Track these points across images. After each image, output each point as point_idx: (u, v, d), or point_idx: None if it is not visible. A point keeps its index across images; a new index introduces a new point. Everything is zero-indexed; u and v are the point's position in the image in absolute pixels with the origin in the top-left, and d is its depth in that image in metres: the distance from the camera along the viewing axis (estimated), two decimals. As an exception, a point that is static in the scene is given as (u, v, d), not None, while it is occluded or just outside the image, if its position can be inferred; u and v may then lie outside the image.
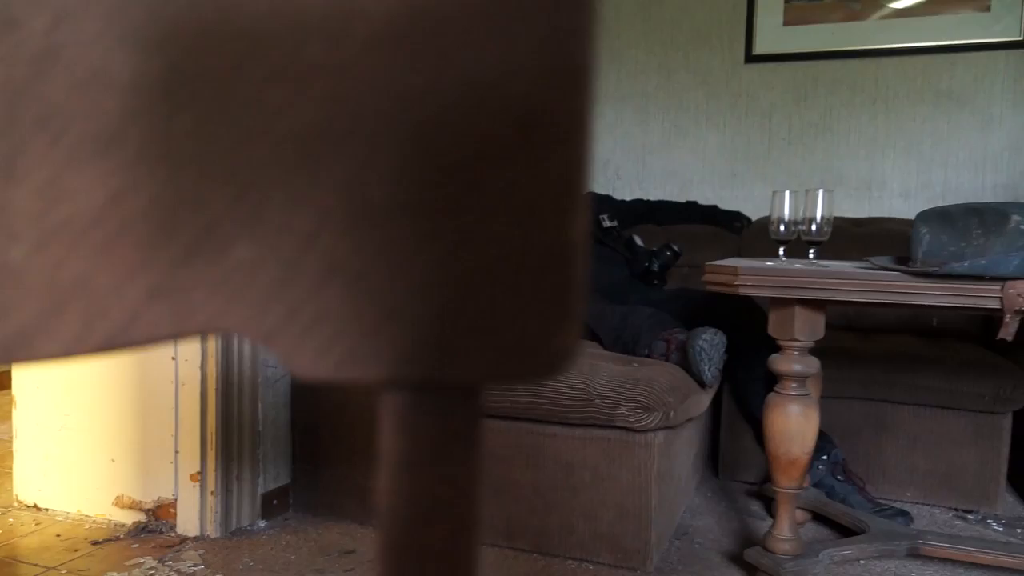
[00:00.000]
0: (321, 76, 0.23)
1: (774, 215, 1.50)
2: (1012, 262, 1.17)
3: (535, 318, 0.22)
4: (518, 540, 1.63)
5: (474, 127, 0.22)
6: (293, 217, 0.23)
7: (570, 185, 0.22)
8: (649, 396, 1.49)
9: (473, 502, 0.23)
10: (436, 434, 0.23)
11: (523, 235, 0.22)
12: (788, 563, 1.43)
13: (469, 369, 0.22)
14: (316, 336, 0.23)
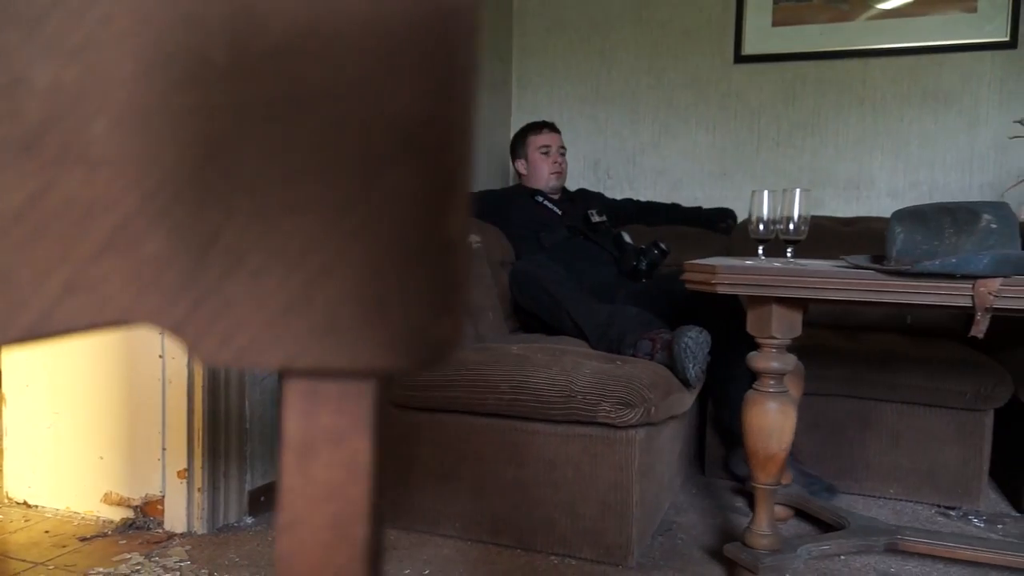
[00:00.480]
0: (227, 82, 0.25)
1: (753, 214, 1.52)
2: (982, 260, 1.19)
3: (418, 310, 0.23)
4: (502, 536, 1.64)
5: (365, 133, 0.24)
6: (200, 215, 0.25)
7: (451, 186, 0.23)
8: (630, 392, 1.50)
9: (368, 485, 0.25)
10: (330, 419, 0.25)
11: (408, 233, 0.23)
12: (766, 558, 1.44)
13: (360, 358, 0.24)
14: (220, 326, 0.25)
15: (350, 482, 0.25)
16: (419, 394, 1.66)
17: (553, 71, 3.16)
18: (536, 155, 2.57)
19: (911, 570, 1.61)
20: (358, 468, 0.25)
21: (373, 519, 0.25)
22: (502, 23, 3.13)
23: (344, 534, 0.25)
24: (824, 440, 2.06)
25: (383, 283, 0.24)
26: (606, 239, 2.44)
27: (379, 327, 0.24)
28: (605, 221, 2.48)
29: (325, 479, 0.25)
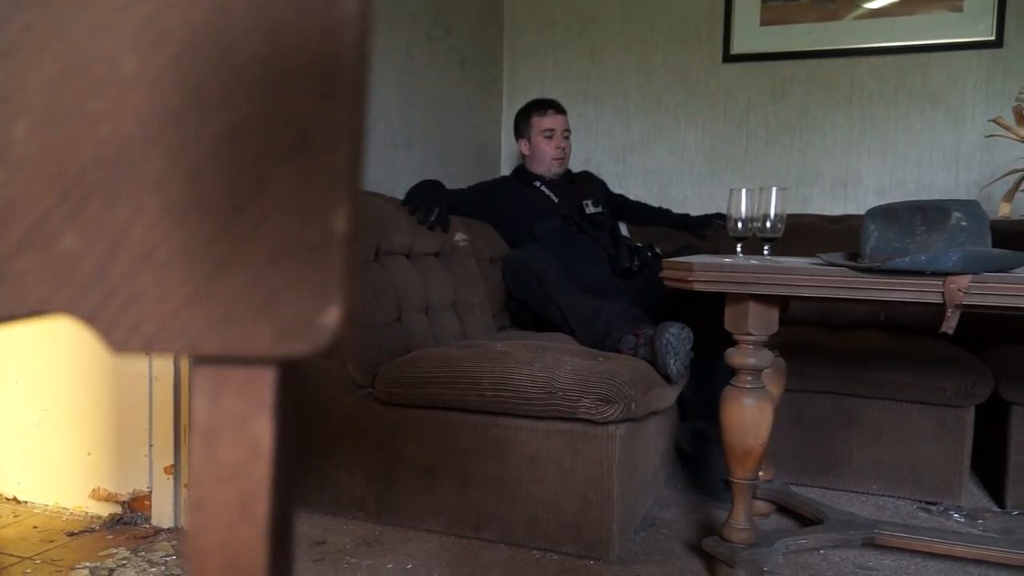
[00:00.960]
0: (136, 88, 0.27)
1: (731, 213, 1.54)
2: (951, 257, 1.21)
3: (309, 300, 0.25)
4: (485, 531, 1.66)
5: (261, 136, 0.26)
6: (111, 212, 0.27)
7: (340, 184, 0.25)
8: (611, 389, 1.52)
9: (270, 464, 0.27)
10: (234, 403, 0.27)
11: (299, 228, 0.25)
12: (743, 551, 1.46)
13: (256, 345, 0.26)
14: (129, 316, 0.26)
15: (253, 462, 0.27)
16: (403, 391, 1.68)
17: (543, 70, 3.18)
18: (539, 138, 2.54)
19: (889, 564, 1.63)
20: (260, 449, 0.27)
21: (277, 496, 0.27)
22: (493, 22, 3.15)
23: (248, 511, 0.27)
24: (807, 436, 2.08)
25: (277, 275, 0.25)
26: (601, 231, 2.45)
27: (273, 316, 0.25)
28: (601, 212, 2.47)
29: (230, 459, 0.27)
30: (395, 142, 2.47)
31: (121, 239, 0.26)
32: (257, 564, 0.27)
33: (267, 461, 0.27)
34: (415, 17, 2.56)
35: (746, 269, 1.36)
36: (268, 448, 0.27)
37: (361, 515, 1.77)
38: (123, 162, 0.27)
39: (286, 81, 0.25)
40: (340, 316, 0.25)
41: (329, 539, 1.69)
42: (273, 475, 0.27)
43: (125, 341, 0.26)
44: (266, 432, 0.27)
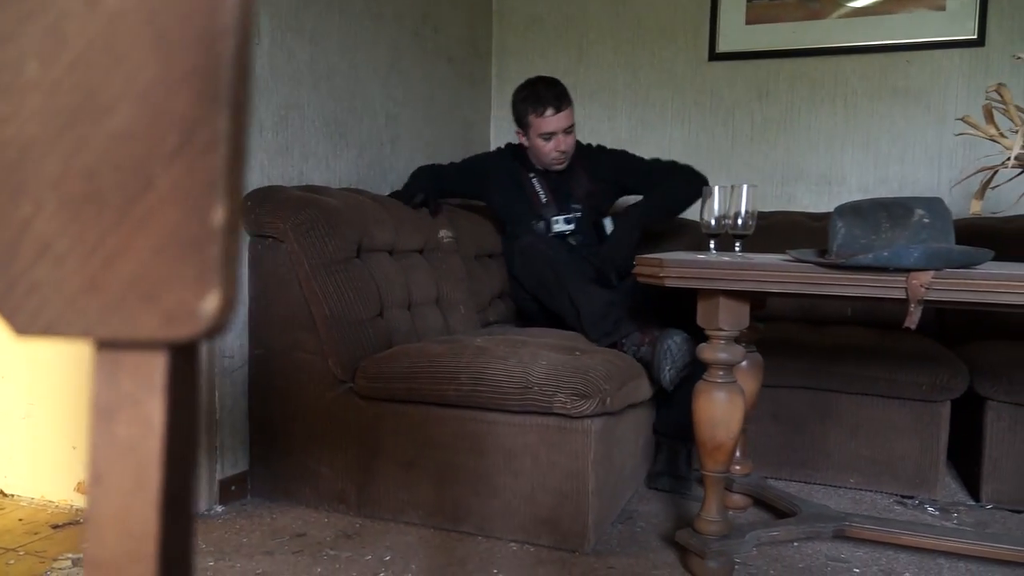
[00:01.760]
0: (37, 93, 0.29)
1: (704, 211, 1.56)
2: (913, 254, 1.23)
3: (192, 288, 0.27)
4: (463, 523, 1.69)
5: (149, 135, 0.28)
6: (14, 208, 0.29)
7: (219, 182, 0.27)
8: (586, 383, 1.54)
9: (162, 440, 0.29)
10: (130, 384, 0.29)
11: (182, 222, 0.27)
12: (715, 543, 1.49)
13: (145, 330, 0.28)
14: (31, 303, 0.29)
15: (146, 438, 0.29)
16: (382, 386, 1.70)
17: (532, 68, 3.18)
18: (537, 140, 2.36)
19: (861, 556, 1.65)
20: (153, 426, 0.29)
21: (169, 470, 0.29)
22: (482, 20, 3.17)
23: (141, 483, 0.29)
24: (786, 431, 2.10)
25: (162, 266, 0.27)
26: (581, 236, 2.40)
27: (158, 303, 0.28)
28: (580, 215, 2.38)
29: (125, 436, 0.29)
30: (381, 139, 2.49)
31: (23, 233, 0.29)
32: (150, 532, 0.29)
33: (159, 437, 0.29)
34: (402, 16, 2.58)
35: (716, 266, 1.39)
36: (160, 425, 0.29)
37: (342, 508, 1.79)
38: (25, 161, 0.29)
39: (172, 86, 0.28)
40: (219, 302, 0.27)
41: (310, 531, 1.71)
42: (165, 450, 0.29)
43: (27, 326, 0.29)
44: (158, 410, 0.29)
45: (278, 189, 1.88)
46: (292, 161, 2.06)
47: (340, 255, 1.81)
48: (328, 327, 1.75)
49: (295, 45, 2.05)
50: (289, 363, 1.81)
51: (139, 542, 0.29)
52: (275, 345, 1.83)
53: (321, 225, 1.79)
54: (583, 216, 2.41)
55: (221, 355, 1.83)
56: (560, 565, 1.57)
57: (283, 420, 1.84)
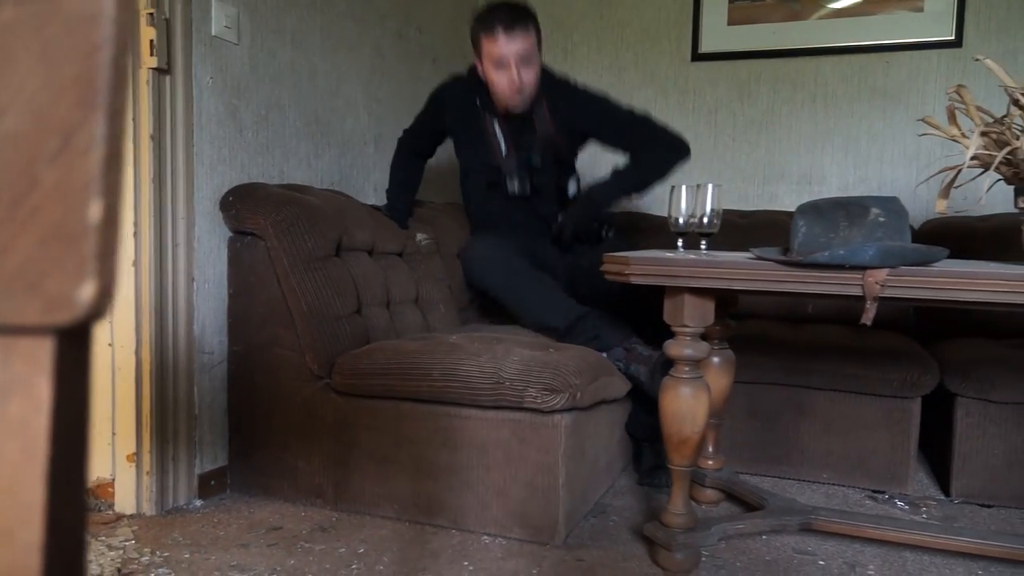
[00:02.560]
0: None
1: (672, 209, 1.59)
2: (868, 252, 1.26)
3: (73, 279, 0.30)
4: (436, 517, 1.71)
5: (35, 139, 0.30)
6: (-85, 204, 0.31)
7: (96, 182, 0.30)
8: (556, 379, 1.57)
9: (49, 419, 0.32)
10: (22, 367, 0.32)
11: (63, 218, 0.30)
12: (680, 536, 1.51)
13: (31, 316, 0.31)
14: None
15: (35, 416, 0.32)
16: (358, 381, 1.73)
17: (517, 68, 3.22)
18: (489, 67, 2.04)
19: (828, 549, 1.68)
20: (41, 405, 0.32)
21: (56, 446, 0.32)
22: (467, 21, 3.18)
23: (30, 457, 0.32)
24: (761, 427, 2.13)
25: (45, 258, 0.30)
26: (542, 197, 2.21)
27: (41, 292, 0.30)
28: (540, 168, 2.17)
29: (17, 415, 0.32)
30: (364, 139, 2.52)
31: (-78, 227, 0.31)
32: (37, 501, 0.32)
33: (47, 415, 0.32)
34: (385, 17, 2.60)
35: (680, 263, 1.41)
36: (48, 403, 0.32)
37: (319, 502, 1.82)
38: (-76, 162, 0.31)
39: (55, 93, 0.30)
40: (95, 291, 0.30)
41: (286, 525, 1.74)
42: (52, 427, 0.32)
43: (-75, 313, 0.31)
44: (46, 390, 0.32)
45: (259, 186, 1.90)
46: (273, 160, 2.08)
47: (319, 253, 1.84)
48: (306, 323, 1.78)
49: (276, 46, 2.08)
50: (267, 359, 1.84)
51: (28, 510, 0.32)
52: (254, 341, 1.85)
53: (301, 223, 1.82)
54: (544, 172, 2.19)
55: (200, 351, 1.86)
56: (531, 557, 1.59)
57: (261, 415, 1.87)
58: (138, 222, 1.72)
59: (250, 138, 1.99)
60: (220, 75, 1.88)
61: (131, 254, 1.72)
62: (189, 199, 1.80)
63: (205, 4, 1.82)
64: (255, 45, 2.00)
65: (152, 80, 1.70)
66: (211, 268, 1.87)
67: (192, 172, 1.81)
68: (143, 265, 1.73)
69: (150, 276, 1.73)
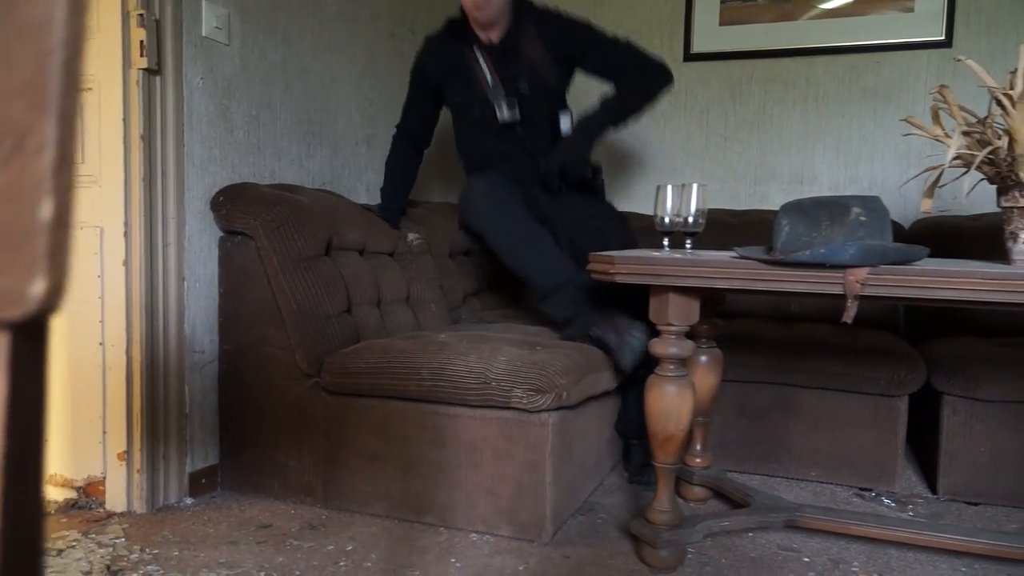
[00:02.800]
0: None
1: (658, 208, 1.60)
2: (848, 251, 1.27)
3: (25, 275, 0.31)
4: (426, 515, 1.72)
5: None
6: None
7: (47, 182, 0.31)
8: (542, 379, 1.58)
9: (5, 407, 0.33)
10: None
11: (15, 217, 0.31)
12: (665, 532, 1.53)
13: (-15, 310, 0.32)
14: None
15: (-12, 408, 0.33)
16: (347, 380, 1.74)
17: (510, 68, 3.23)
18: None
19: (813, 546, 1.69)
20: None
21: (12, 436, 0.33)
22: (460, 21, 3.20)
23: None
24: (751, 426, 2.14)
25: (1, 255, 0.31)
26: (535, 130, 2.15)
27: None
28: (527, 97, 2.13)
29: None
30: (357, 139, 2.53)
31: None
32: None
33: (1, 409, 0.33)
34: (378, 17, 2.61)
35: (664, 262, 1.42)
36: (3, 398, 0.33)
37: (309, 500, 1.83)
38: None
39: (8, 97, 0.31)
40: (46, 287, 0.31)
41: (276, 523, 1.75)
42: (7, 421, 0.33)
43: None
44: (1, 385, 0.33)
45: (249, 186, 1.91)
46: (264, 160, 2.09)
47: (309, 252, 1.85)
48: (295, 322, 1.79)
49: (267, 47, 2.09)
50: (257, 358, 1.85)
51: (-16, 499, 0.33)
52: (244, 340, 1.86)
53: (291, 222, 1.83)
54: (532, 100, 2.15)
55: (191, 350, 1.87)
56: (518, 554, 1.60)
57: (251, 414, 1.88)
58: (128, 222, 1.73)
59: (241, 138, 2.00)
60: (211, 75, 1.89)
61: (121, 254, 1.73)
62: (180, 199, 1.81)
63: (195, 5, 1.83)
64: (246, 46, 2.01)
65: (142, 81, 1.71)
66: (202, 268, 1.88)
67: (183, 172, 1.82)
68: (133, 265, 1.74)
69: (141, 276, 1.74)
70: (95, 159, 1.75)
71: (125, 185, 1.72)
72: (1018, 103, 1.44)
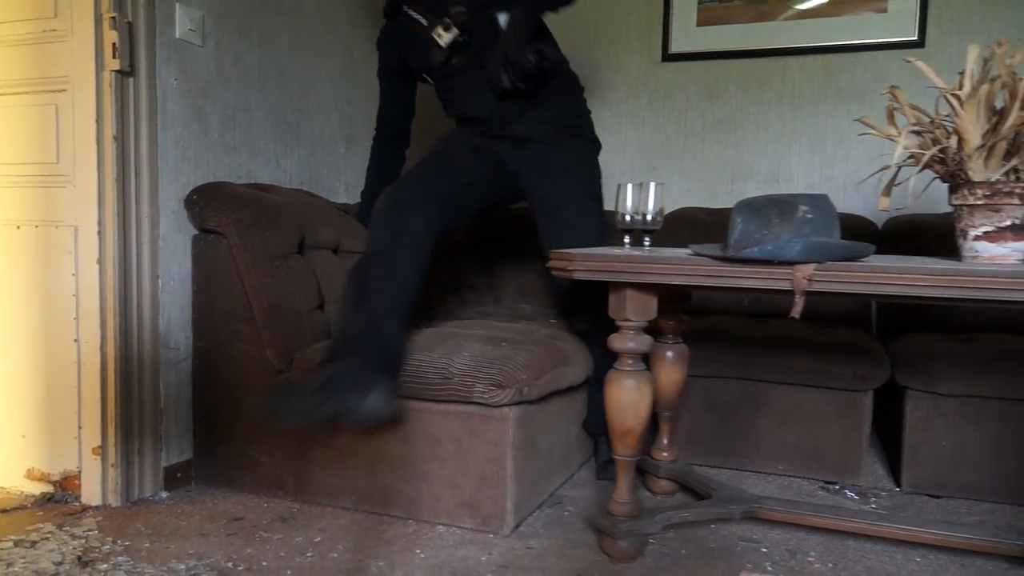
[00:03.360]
0: None
1: (618, 207, 1.63)
2: (794, 247, 1.30)
3: None
4: (392, 507, 1.76)
5: None
6: None
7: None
8: (503, 374, 1.61)
9: None
10: None
11: None
12: (623, 524, 1.56)
13: None
14: None
15: None
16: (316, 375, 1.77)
17: (492, 69, 3.26)
18: None
19: (773, 537, 1.72)
20: None
21: None
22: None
23: None
24: (719, 420, 2.18)
25: None
26: (478, 40, 1.98)
27: None
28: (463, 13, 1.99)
29: None
30: (335, 139, 2.56)
31: None
32: None
33: None
34: (356, 18, 2.65)
35: (620, 259, 1.46)
36: None
37: (280, 494, 1.87)
38: None
39: None
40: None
41: (247, 516, 1.79)
42: None
43: None
44: None
45: (223, 185, 1.95)
46: (240, 160, 2.13)
47: (280, 250, 1.88)
48: (266, 318, 1.82)
49: (243, 48, 2.12)
50: (230, 354, 1.88)
51: None
52: (217, 337, 1.90)
53: (262, 221, 1.86)
54: (469, 16, 2.01)
55: (166, 346, 1.90)
56: (481, 546, 1.64)
57: (225, 409, 1.91)
58: (102, 221, 1.76)
59: (216, 138, 2.04)
60: (185, 77, 1.92)
61: (95, 252, 1.77)
62: (153, 198, 1.85)
63: (169, 8, 1.86)
64: (220, 48, 2.04)
65: (115, 82, 1.75)
66: (177, 266, 1.92)
67: (156, 172, 1.85)
68: (107, 263, 1.77)
69: (114, 273, 1.77)
70: (69, 159, 1.79)
71: (99, 185, 1.75)
72: (966, 103, 1.48)
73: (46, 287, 1.84)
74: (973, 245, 1.45)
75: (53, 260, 1.82)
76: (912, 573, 1.57)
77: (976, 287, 1.24)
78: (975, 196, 1.44)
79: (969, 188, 1.45)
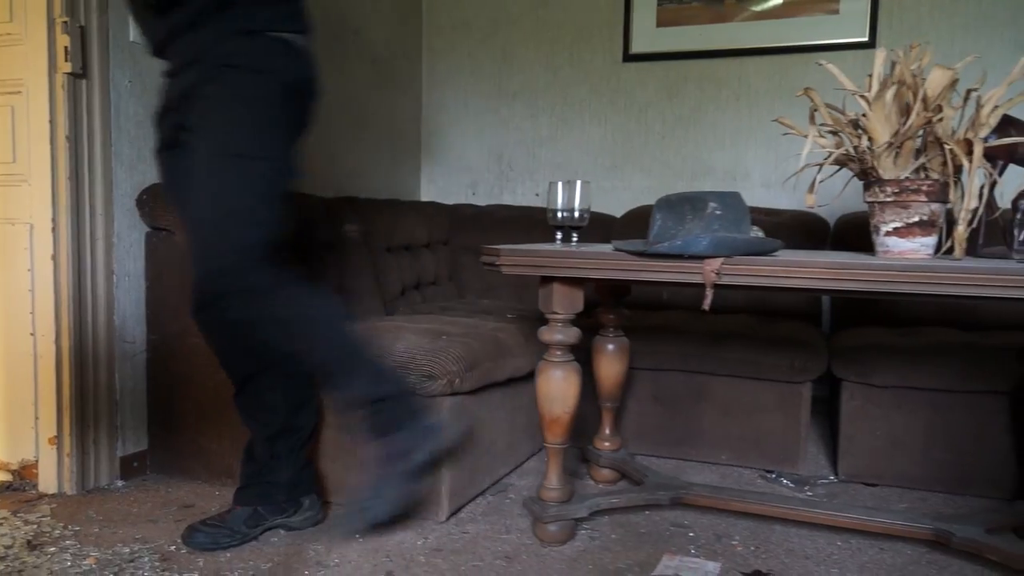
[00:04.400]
0: None
1: (549, 204, 1.69)
2: (702, 242, 1.36)
3: None
4: (334, 494, 1.82)
5: None
6: None
7: None
8: (434, 366, 1.67)
9: None
10: None
11: None
12: (552, 508, 1.63)
13: None
14: None
15: None
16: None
17: (459, 68, 3.33)
18: None
19: (703, 523, 1.79)
20: None
21: None
22: (410, 22, 3.29)
23: None
24: (664, 412, 2.24)
25: None
26: None
27: None
28: None
29: None
30: (297, 138, 2.61)
31: None
32: None
33: None
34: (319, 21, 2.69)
35: (544, 255, 1.52)
36: None
37: (230, 482, 1.92)
38: None
39: None
40: None
41: (198, 503, 1.85)
42: None
43: None
44: None
45: (178, 186, 2.00)
46: (198, 159, 2.18)
47: (232, 247, 1.94)
48: (216, 314, 1.88)
49: (199, 50, 2.18)
50: (181, 347, 1.94)
51: None
52: (169, 330, 1.96)
53: (215, 219, 1.92)
54: None
55: (122, 340, 1.96)
56: (418, 531, 1.70)
57: (178, 401, 1.97)
58: (56, 218, 1.82)
59: (173, 138, 2.09)
60: (139, 79, 1.98)
61: (50, 249, 1.83)
62: (108, 197, 1.91)
63: (123, 12, 1.92)
64: (176, 50, 2.10)
65: (67, 84, 1.80)
66: (132, 262, 1.98)
67: (111, 171, 1.91)
68: (61, 259, 1.83)
69: (68, 269, 1.83)
70: (24, 159, 1.85)
71: (52, 184, 1.81)
72: (874, 104, 1.54)
73: (2, 283, 1.90)
74: (884, 240, 1.51)
75: (9, 257, 1.88)
76: (830, 556, 1.63)
77: (869, 280, 1.30)
78: (885, 193, 1.50)
79: (880, 186, 1.51)
